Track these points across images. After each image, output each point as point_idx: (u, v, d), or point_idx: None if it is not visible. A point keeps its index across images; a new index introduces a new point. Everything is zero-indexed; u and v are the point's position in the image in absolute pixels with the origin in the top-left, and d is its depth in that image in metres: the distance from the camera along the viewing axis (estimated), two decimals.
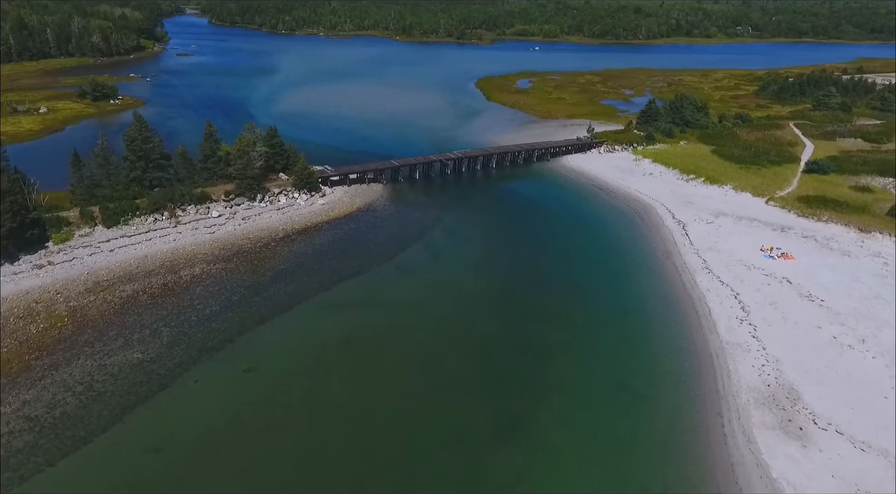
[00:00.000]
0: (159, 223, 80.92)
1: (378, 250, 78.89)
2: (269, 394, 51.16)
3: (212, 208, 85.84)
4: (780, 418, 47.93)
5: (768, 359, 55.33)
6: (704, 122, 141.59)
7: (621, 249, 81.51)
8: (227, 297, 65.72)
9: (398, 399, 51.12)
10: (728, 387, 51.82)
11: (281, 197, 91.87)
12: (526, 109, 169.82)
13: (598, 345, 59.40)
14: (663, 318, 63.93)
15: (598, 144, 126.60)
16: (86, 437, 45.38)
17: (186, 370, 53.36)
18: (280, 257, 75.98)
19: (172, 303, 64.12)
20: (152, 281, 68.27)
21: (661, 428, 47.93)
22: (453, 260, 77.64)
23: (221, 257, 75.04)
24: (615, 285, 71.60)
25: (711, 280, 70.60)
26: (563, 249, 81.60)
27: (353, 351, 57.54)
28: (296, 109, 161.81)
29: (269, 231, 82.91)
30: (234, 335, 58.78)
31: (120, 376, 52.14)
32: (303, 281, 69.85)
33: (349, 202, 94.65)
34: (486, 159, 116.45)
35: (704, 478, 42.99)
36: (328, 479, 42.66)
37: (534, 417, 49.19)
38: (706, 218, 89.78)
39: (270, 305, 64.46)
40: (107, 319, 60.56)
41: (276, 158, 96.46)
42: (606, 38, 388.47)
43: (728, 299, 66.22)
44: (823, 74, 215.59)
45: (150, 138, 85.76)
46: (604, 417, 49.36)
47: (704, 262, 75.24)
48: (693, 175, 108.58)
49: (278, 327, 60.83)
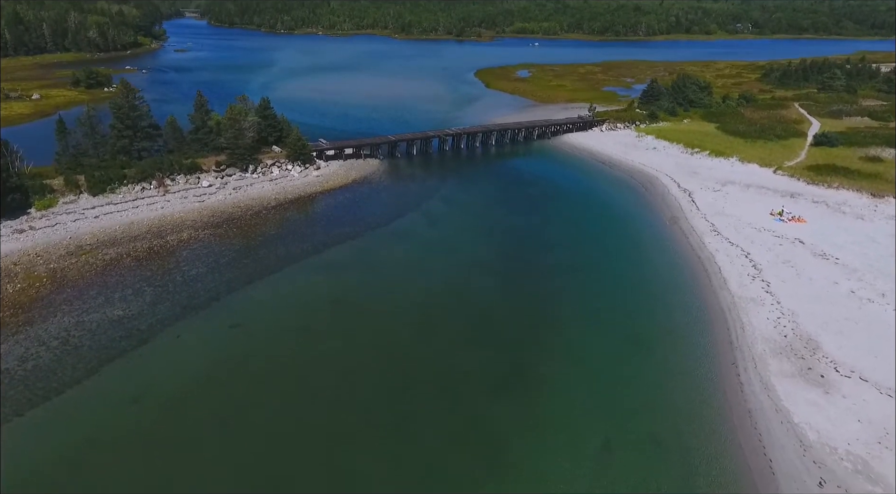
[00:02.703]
0: (147, 192, 78.22)
1: (373, 217, 76.09)
2: (256, 349, 48.20)
3: (202, 178, 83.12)
4: (799, 366, 44.86)
5: (783, 312, 52.30)
6: (708, 101, 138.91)
7: (626, 216, 78.60)
8: (214, 260, 62.86)
9: (391, 354, 48.10)
10: (742, 338, 48.75)
11: (274, 168, 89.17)
12: (526, 95, 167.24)
13: (603, 301, 56.36)
14: (671, 277, 60.95)
15: (600, 123, 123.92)
16: (58, 388, 42.44)
17: (169, 326, 50.47)
18: (271, 224, 73.15)
19: (157, 265, 61.29)
20: (137, 245, 65.45)
21: (672, 378, 44.88)
22: (450, 226, 74.77)
23: (210, 223, 72.24)
24: (620, 247, 68.66)
25: (720, 242, 67.62)
26: (566, 216, 78.72)
27: (344, 309, 54.60)
28: (293, 97, 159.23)
29: (260, 200, 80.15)
30: (220, 294, 55.89)
31: (98, 331, 49.24)
32: (294, 245, 67.01)
33: (344, 175, 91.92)
34: (486, 136, 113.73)
35: (720, 424, 39.90)
36: (313, 431, 39.64)
37: (535, 369, 46.15)
38: (713, 187, 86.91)
39: (259, 267, 61.62)
40: (88, 279, 57.69)
41: (269, 130, 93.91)
42: (606, 35, 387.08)
43: (739, 258, 63.22)
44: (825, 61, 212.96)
45: (137, 106, 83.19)
46: (610, 368, 46.28)
47: (713, 225, 72.30)
48: (698, 149, 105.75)
49: (267, 286, 57.94)
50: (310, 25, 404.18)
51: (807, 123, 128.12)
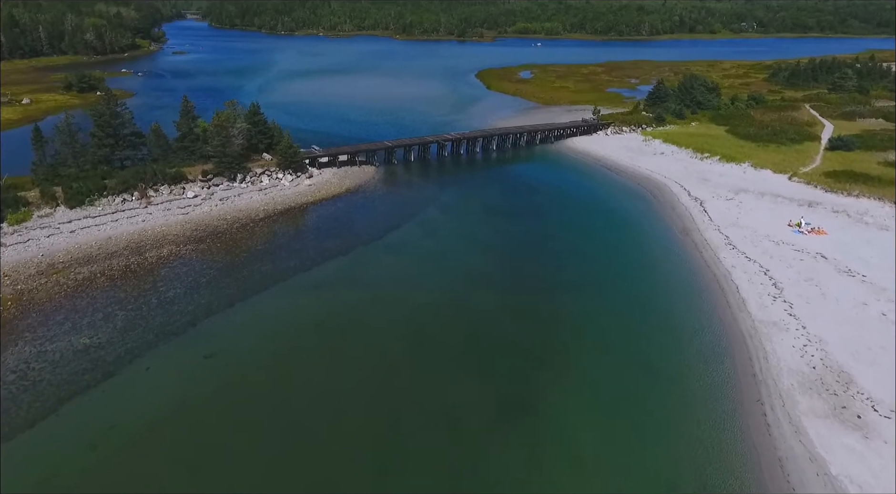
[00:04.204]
0: (128, 204, 74.10)
1: (366, 229, 71.80)
2: (230, 382, 43.93)
3: (187, 188, 78.99)
4: (832, 404, 40.40)
5: (810, 338, 47.82)
6: (716, 103, 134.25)
7: (634, 227, 74.11)
8: (194, 279, 58.63)
9: (381, 385, 43.79)
10: (766, 370, 44.28)
11: (263, 177, 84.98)
12: (527, 97, 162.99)
13: (613, 324, 51.94)
14: (685, 296, 56.46)
15: (605, 126, 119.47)
16: (7, 434, 38.23)
17: (138, 357, 46.22)
18: (257, 238, 68.92)
19: (133, 285, 57.09)
20: (113, 263, 61.27)
21: (691, 417, 40.43)
22: (448, 238, 70.38)
23: (193, 237, 68.04)
24: (629, 262, 64.24)
25: (736, 256, 63.12)
26: (571, 227, 74.29)
27: (331, 334, 50.31)
28: (290, 99, 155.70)
29: (248, 212, 75.94)
30: (197, 319, 51.63)
31: (61, 363, 45.05)
32: (280, 261, 62.77)
33: (338, 183, 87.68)
34: (486, 141, 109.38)
35: (748, 475, 35.45)
36: (292, 476, 35.34)
37: (542, 402, 41.82)
38: (725, 195, 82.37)
39: (242, 286, 57.36)
40: (56, 302, 53.54)
41: (260, 137, 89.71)
42: (609, 35, 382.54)
43: (757, 275, 58.71)
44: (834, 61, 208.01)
45: (119, 113, 79.10)
46: (622, 403, 41.87)
47: (727, 238, 67.80)
48: (707, 154, 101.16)
49: (249, 309, 53.67)
50: (310, 26, 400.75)
51: (819, 125, 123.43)
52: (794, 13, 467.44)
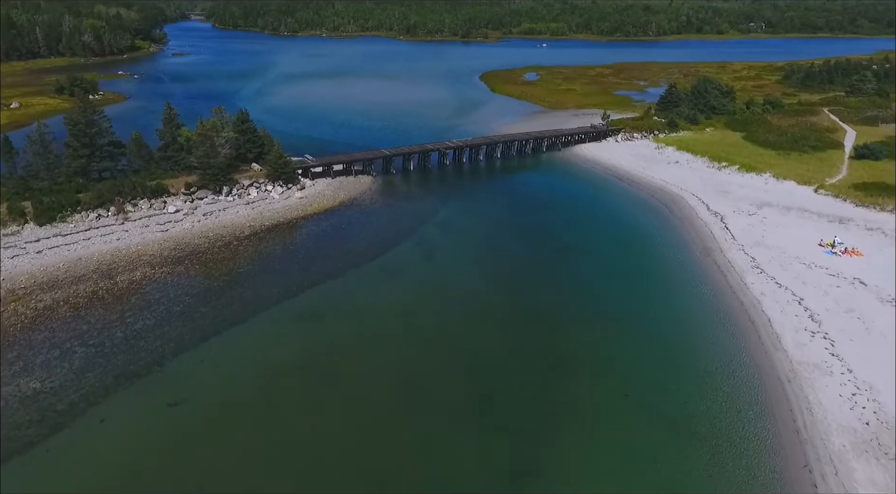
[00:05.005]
0: (103, 220, 68.77)
1: (359, 249, 66.16)
2: (194, 437, 38.44)
3: (168, 202, 73.62)
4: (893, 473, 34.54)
5: (858, 385, 41.94)
6: (731, 107, 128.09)
7: (650, 247, 68.22)
8: (167, 307, 53.16)
9: (368, 441, 38.20)
10: (812, 426, 38.46)
11: (251, 190, 79.50)
12: (533, 100, 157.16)
13: (629, 366, 46.20)
14: (711, 331, 50.58)
15: (615, 132, 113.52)
16: None
17: (94, 405, 40.80)
18: (241, 259, 63.42)
19: (98, 316, 51.63)
20: (80, 289, 55.84)
21: (727, 489, 34.64)
22: (449, 260, 64.71)
23: (171, 258, 62.61)
24: (646, 289, 58.37)
25: (765, 282, 57.22)
26: (581, 246, 68.43)
27: (313, 377, 44.74)
28: (288, 103, 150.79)
29: (232, 229, 70.48)
30: (165, 357, 46.15)
31: (3, 414, 39.64)
32: (264, 287, 57.25)
33: (331, 196, 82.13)
34: (490, 149, 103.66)
35: None
36: None
37: (551, 465, 36.13)
38: (747, 209, 76.42)
39: (219, 317, 51.84)
40: (10, 337, 48.14)
41: (248, 146, 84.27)
42: (615, 36, 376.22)
43: (791, 305, 52.79)
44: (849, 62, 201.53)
45: (95, 122, 73.85)
46: (647, 468, 36.12)
47: (753, 260, 61.90)
48: (725, 163, 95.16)
49: (224, 345, 48.14)
50: (314, 27, 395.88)
51: (841, 131, 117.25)
52: (802, 13, 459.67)
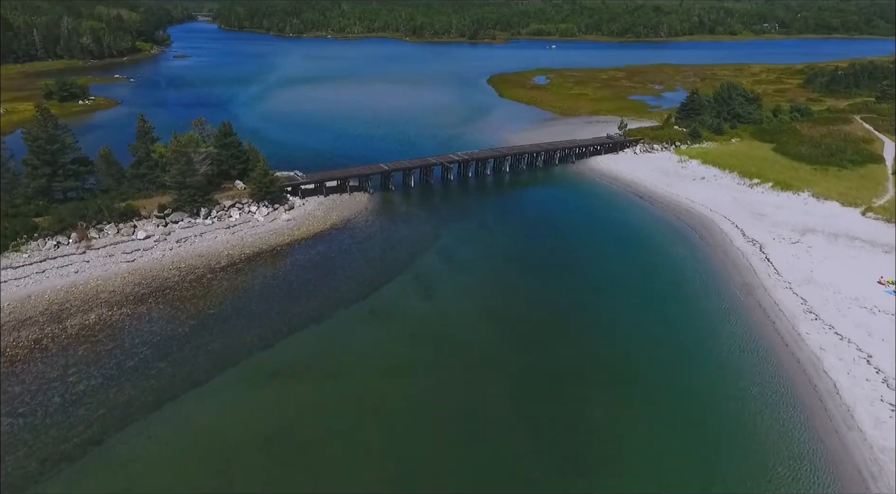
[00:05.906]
0: (62, 249, 61.07)
1: (348, 284, 58.07)
2: None
3: (139, 226, 65.94)
4: None
5: None
6: (757, 115, 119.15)
7: (682, 282, 59.62)
8: (118, 361, 45.31)
9: None
10: None
11: (233, 211, 71.65)
12: (543, 106, 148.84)
13: (664, 445, 37.89)
14: (765, 399, 42.07)
15: (633, 143, 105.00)
16: None
17: None
18: (213, 296, 55.46)
19: (36, 373, 43.84)
20: (21, 336, 48.05)
21: None
22: (449, 301, 56.19)
23: (133, 296, 54.77)
24: (680, 339, 49.93)
25: (823, 332, 48.68)
26: (604, 284, 59.86)
27: (283, 456, 36.74)
28: (286, 109, 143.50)
29: (208, 258, 62.61)
30: (106, 432, 38.27)
31: None
32: (235, 334, 49.26)
33: (322, 217, 74.18)
34: (498, 162, 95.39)
35: None
36: None
37: None
38: (788, 236, 67.79)
39: (178, 375, 43.90)
40: None
41: (232, 161, 76.53)
42: (626, 37, 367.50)
43: (858, 364, 44.28)
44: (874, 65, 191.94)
45: (56, 137, 66.25)
46: None
47: (804, 302, 53.33)
48: (758, 179, 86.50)
49: (179, 414, 40.21)
50: (319, 28, 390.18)
51: (878, 141, 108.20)
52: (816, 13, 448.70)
